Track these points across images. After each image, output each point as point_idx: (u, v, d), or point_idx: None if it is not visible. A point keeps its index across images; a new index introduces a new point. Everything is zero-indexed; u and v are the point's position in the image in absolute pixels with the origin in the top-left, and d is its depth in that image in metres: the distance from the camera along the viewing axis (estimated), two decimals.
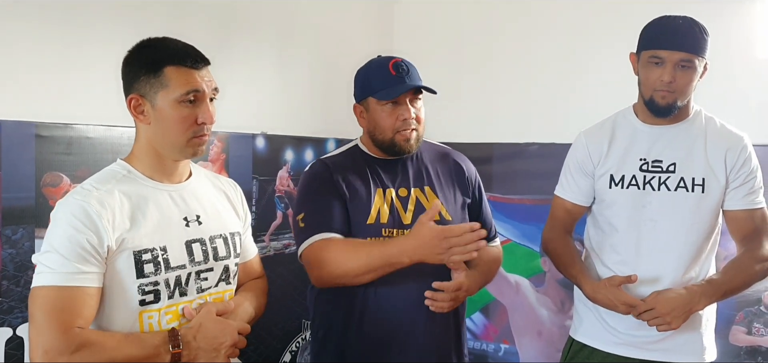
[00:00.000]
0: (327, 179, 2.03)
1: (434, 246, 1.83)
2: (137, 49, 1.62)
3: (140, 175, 1.62)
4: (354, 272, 1.91)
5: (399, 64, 2.00)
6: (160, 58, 1.57)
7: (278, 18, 3.11)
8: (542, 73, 3.43)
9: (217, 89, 1.63)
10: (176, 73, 1.56)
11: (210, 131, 1.64)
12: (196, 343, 1.55)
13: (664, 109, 2.02)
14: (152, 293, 1.55)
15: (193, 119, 1.58)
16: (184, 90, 1.56)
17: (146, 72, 1.57)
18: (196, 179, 1.73)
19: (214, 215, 1.72)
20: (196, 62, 1.58)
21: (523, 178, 3.37)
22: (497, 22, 3.57)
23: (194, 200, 1.68)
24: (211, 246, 1.67)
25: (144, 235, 1.55)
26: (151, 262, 1.55)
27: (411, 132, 2.01)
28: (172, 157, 1.64)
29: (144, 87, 1.58)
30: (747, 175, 2.04)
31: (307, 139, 3.22)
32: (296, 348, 3.22)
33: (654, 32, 2.02)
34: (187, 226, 1.64)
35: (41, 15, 2.19)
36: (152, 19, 2.49)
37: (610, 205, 2.14)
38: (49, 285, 1.45)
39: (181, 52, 1.58)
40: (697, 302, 1.97)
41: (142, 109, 1.59)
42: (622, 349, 2.11)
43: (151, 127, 1.60)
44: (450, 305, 1.95)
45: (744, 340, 2.92)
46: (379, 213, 2.00)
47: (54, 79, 2.24)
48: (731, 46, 2.91)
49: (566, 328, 2.35)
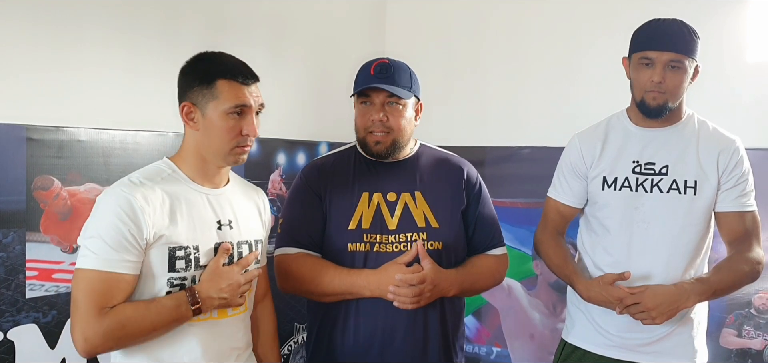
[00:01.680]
0: (310, 189, 2.07)
1: (388, 288, 1.92)
2: (194, 60, 1.74)
3: (184, 176, 1.74)
4: (317, 293, 2.00)
5: (381, 66, 2.00)
6: (214, 71, 1.69)
7: (270, 21, 3.11)
8: (534, 77, 3.44)
9: (263, 104, 1.77)
10: (227, 87, 1.68)
11: (253, 142, 1.76)
12: (210, 293, 1.67)
13: (655, 110, 2.03)
14: (179, 286, 1.67)
15: (238, 130, 1.70)
16: (233, 103, 1.68)
17: (200, 83, 1.69)
18: (232, 187, 1.85)
19: (244, 222, 1.83)
20: (246, 78, 1.72)
21: (514, 181, 3.38)
22: (489, 25, 3.58)
23: (229, 206, 1.80)
24: (238, 251, 1.78)
25: (180, 233, 1.66)
26: (183, 258, 1.66)
27: (381, 134, 2.00)
28: (216, 163, 1.76)
29: (197, 96, 1.69)
30: (738, 178, 2.05)
31: (299, 143, 3.22)
32: (288, 351, 3.22)
33: (644, 34, 2.04)
34: (220, 230, 1.75)
35: (33, 17, 2.19)
36: (144, 23, 2.48)
37: (602, 206, 2.15)
38: (91, 268, 1.57)
39: (234, 67, 1.72)
40: (686, 299, 1.97)
41: (193, 116, 1.71)
42: (614, 352, 2.11)
43: (199, 134, 1.72)
44: (414, 301, 1.91)
45: (734, 343, 2.93)
46: (362, 218, 2.01)
47: (45, 82, 2.23)
48: (722, 50, 2.93)
49: (558, 331, 2.35)
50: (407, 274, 1.91)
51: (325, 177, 2.08)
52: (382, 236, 2.00)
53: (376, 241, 1.99)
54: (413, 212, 2.03)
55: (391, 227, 2.01)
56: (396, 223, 2.01)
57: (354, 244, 1.99)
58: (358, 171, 2.08)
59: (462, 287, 2.05)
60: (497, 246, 2.16)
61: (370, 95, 2.00)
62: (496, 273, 2.16)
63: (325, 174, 2.09)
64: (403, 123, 2.02)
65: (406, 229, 2.01)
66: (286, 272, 2.03)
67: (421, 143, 2.19)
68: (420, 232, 2.01)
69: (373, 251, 1.99)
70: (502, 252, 2.17)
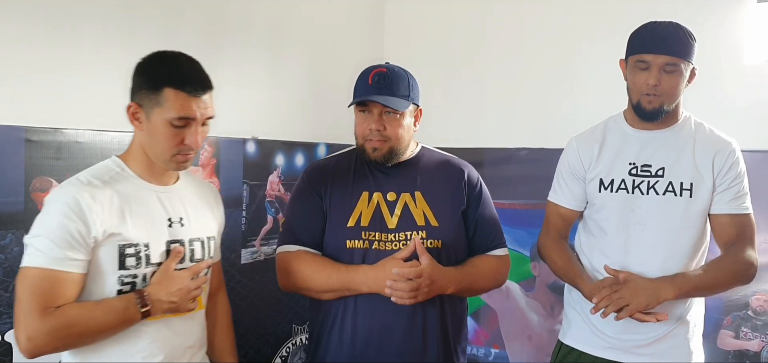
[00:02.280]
0: (311, 188, 2.10)
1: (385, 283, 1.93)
2: (146, 62, 1.71)
3: (132, 174, 1.74)
4: (315, 289, 2.02)
5: (379, 75, 2.01)
6: (162, 78, 1.66)
7: (269, 22, 3.11)
8: (533, 78, 3.44)
9: (212, 116, 1.73)
10: (173, 96, 1.65)
11: (195, 153, 1.74)
12: (159, 296, 1.67)
13: (651, 113, 2.04)
14: (130, 285, 1.67)
15: (180, 139, 1.68)
16: (177, 114, 1.65)
17: (148, 87, 1.66)
18: (183, 183, 1.85)
19: (196, 219, 1.84)
20: (195, 89, 1.67)
21: (513, 182, 3.38)
22: (487, 28, 3.58)
23: (179, 203, 1.80)
24: (190, 248, 1.79)
25: (130, 231, 1.66)
26: (133, 256, 1.66)
27: (378, 142, 2.02)
28: (158, 166, 1.75)
29: (143, 99, 1.67)
30: (733, 180, 2.05)
31: (297, 144, 3.22)
32: (287, 352, 3.22)
33: (640, 37, 2.04)
34: (170, 227, 1.76)
35: (31, 18, 2.19)
36: (143, 24, 2.49)
37: (599, 208, 2.15)
38: (37, 266, 1.57)
39: (184, 76, 1.67)
40: (664, 292, 1.96)
41: (139, 117, 1.69)
42: (610, 353, 2.12)
43: (144, 135, 1.71)
44: (410, 295, 1.92)
45: (732, 345, 2.93)
46: (361, 216, 2.03)
47: (44, 83, 2.23)
48: (719, 52, 2.93)
49: (556, 332, 2.35)
50: (404, 268, 1.91)
51: (326, 176, 2.11)
52: (382, 234, 2.01)
53: (375, 238, 2.01)
54: (413, 211, 2.04)
55: (391, 226, 2.03)
56: (396, 222, 2.03)
57: (353, 241, 2.01)
58: (358, 172, 2.11)
59: (460, 285, 2.04)
60: (499, 247, 2.15)
61: (368, 105, 2.02)
62: (497, 273, 2.16)
63: (326, 174, 2.12)
64: (401, 132, 2.04)
65: (405, 227, 2.02)
66: (286, 270, 2.05)
67: (422, 146, 2.20)
68: (419, 230, 2.02)
69: (371, 249, 2.00)
70: (503, 253, 2.16)
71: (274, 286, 2.13)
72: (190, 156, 1.72)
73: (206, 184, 2.02)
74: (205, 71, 1.73)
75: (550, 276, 3.27)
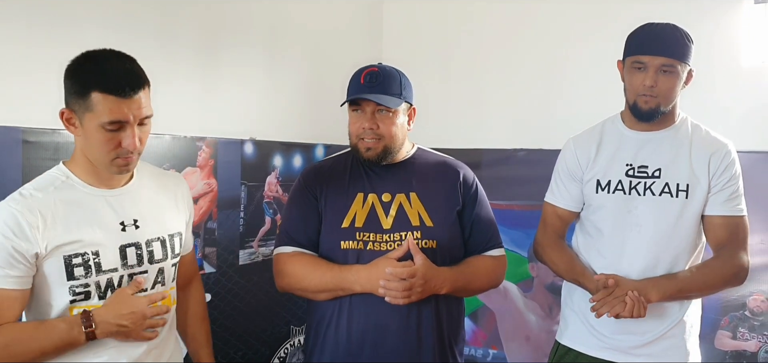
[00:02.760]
0: (307, 189, 2.11)
1: (378, 282, 1.93)
2: (73, 66, 1.62)
3: (78, 181, 1.68)
4: (310, 289, 2.03)
5: (371, 74, 2.02)
6: (87, 82, 1.57)
7: (267, 23, 3.11)
8: (530, 79, 3.45)
9: (149, 115, 1.64)
10: (102, 100, 1.56)
11: (139, 154, 1.66)
12: (107, 318, 1.62)
13: (647, 113, 2.05)
14: (83, 293, 1.63)
15: (116, 143, 1.61)
16: (107, 118, 1.57)
17: (76, 92, 1.59)
18: (137, 182, 1.78)
19: (153, 219, 1.77)
20: (123, 91, 1.57)
21: (511, 183, 3.39)
22: (485, 29, 3.59)
23: (132, 205, 1.74)
24: (147, 249, 1.74)
25: (76, 240, 1.61)
26: (81, 265, 1.62)
27: (372, 142, 2.03)
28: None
29: (74, 105, 1.60)
30: (728, 181, 2.05)
31: (295, 145, 3.22)
32: (285, 353, 3.22)
33: (637, 38, 2.05)
34: (124, 231, 1.70)
35: (28, 19, 2.19)
36: (141, 26, 2.48)
37: (596, 209, 2.16)
38: None
39: (110, 79, 1.57)
40: (649, 292, 1.98)
41: (74, 122, 1.62)
42: (607, 353, 2.12)
43: (81, 141, 1.65)
44: (404, 295, 1.92)
45: (729, 345, 2.94)
46: (355, 217, 2.03)
47: (41, 84, 2.22)
48: (716, 54, 2.94)
49: (554, 333, 2.36)
50: (397, 268, 1.92)
51: (322, 178, 2.12)
52: (376, 235, 2.02)
53: (369, 239, 2.01)
54: (408, 212, 2.04)
55: (386, 226, 2.03)
56: (390, 223, 2.03)
57: (347, 242, 2.01)
58: (353, 173, 2.11)
59: (455, 285, 2.04)
60: (495, 247, 2.15)
61: (361, 104, 2.03)
62: (493, 274, 2.15)
63: (321, 175, 2.13)
64: (394, 130, 2.04)
65: (400, 228, 2.02)
66: (282, 271, 2.06)
67: (418, 147, 2.20)
68: (414, 230, 2.02)
69: (366, 249, 2.00)
70: (500, 253, 2.16)
71: (272, 287, 2.13)
72: (130, 158, 1.64)
73: (170, 174, 1.96)
74: (137, 69, 1.64)
75: (547, 277, 3.28)
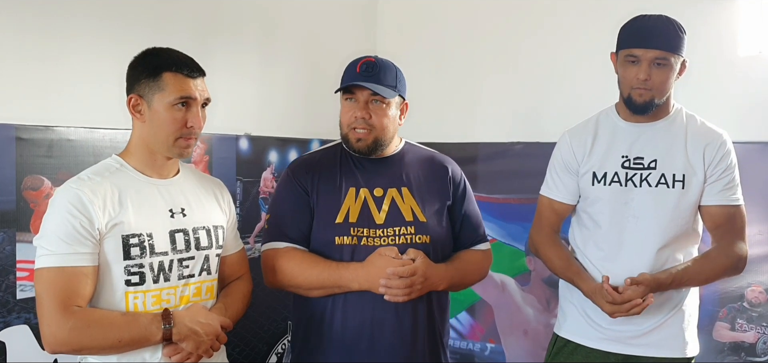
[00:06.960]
0: (298, 184, 2.08)
1: (377, 281, 1.93)
2: (142, 55, 1.79)
3: (132, 170, 1.79)
4: (304, 286, 2.01)
5: (367, 64, 2.01)
6: (160, 64, 1.74)
7: (261, 19, 3.11)
8: (526, 72, 3.44)
9: (209, 99, 1.82)
10: (173, 79, 1.73)
11: (197, 136, 1.81)
12: (185, 321, 1.72)
13: (642, 106, 2.05)
14: (138, 275, 1.71)
15: (183, 122, 1.75)
16: (178, 94, 1.73)
17: (147, 76, 1.74)
18: (183, 176, 1.89)
19: (199, 209, 1.87)
20: (192, 71, 1.76)
21: (507, 177, 3.38)
22: (480, 22, 3.58)
23: (180, 194, 1.84)
24: (194, 236, 1.82)
25: (132, 221, 1.71)
26: (137, 246, 1.71)
27: (363, 132, 2.02)
28: (162, 154, 1.80)
29: (143, 88, 1.74)
30: (723, 171, 2.05)
31: (290, 140, 3.22)
32: (282, 349, 3.22)
33: (630, 31, 2.05)
34: (172, 217, 1.80)
35: (22, 16, 2.18)
36: (135, 22, 2.48)
37: (593, 202, 2.15)
38: (50, 266, 1.62)
39: (180, 61, 1.76)
40: (652, 289, 1.99)
41: (140, 108, 1.76)
42: (606, 345, 2.12)
43: (145, 126, 1.77)
44: (405, 293, 1.93)
45: (727, 336, 2.94)
46: (349, 212, 2.02)
47: (35, 81, 2.22)
48: (713, 44, 2.93)
49: (552, 326, 2.36)
50: (397, 266, 1.92)
51: (312, 172, 2.09)
52: (370, 230, 2.01)
53: (363, 234, 2.00)
54: (401, 207, 2.04)
55: (379, 221, 2.02)
56: (383, 218, 2.03)
57: (341, 237, 2.00)
58: (344, 167, 2.10)
59: (452, 281, 2.06)
60: (482, 241, 2.20)
61: (355, 93, 2.02)
62: (481, 268, 2.20)
63: (311, 169, 2.10)
64: (386, 122, 2.03)
65: (393, 223, 2.02)
66: (274, 267, 2.03)
67: (406, 141, 2.20)
68: (408, 226, 2.02)
69: (360, 245, 2.00)
70: (486, 247, 2.21)
71: None
72: (192, 140, 1.79)
73: (210, 178, 2.06)
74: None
75: (545, 270, 3.26)
